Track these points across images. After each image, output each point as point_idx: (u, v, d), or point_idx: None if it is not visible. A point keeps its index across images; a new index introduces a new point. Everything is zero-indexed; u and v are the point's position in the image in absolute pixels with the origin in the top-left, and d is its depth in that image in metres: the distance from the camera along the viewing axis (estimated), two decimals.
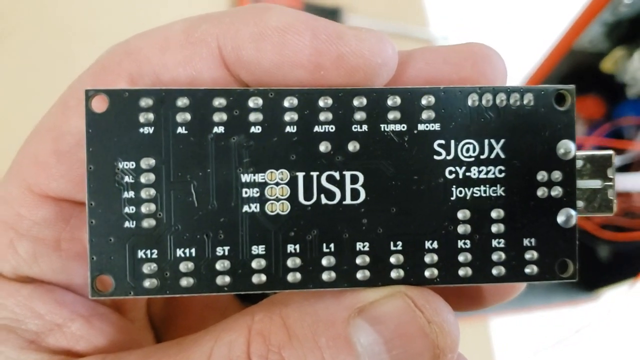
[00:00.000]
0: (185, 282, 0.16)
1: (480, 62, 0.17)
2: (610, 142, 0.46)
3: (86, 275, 0.16)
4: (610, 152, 0.17)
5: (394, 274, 0.16)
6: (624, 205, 0.47)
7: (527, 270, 0.17)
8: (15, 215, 0.17)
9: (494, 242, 0.16)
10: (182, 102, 0.16)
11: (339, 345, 0.15)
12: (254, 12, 0.16)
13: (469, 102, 0.16)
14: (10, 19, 0.48)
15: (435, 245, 0.16)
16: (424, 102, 0.16)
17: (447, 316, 0.16)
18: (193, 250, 0.16)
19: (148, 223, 0.16)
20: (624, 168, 0.46)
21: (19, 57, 0.48)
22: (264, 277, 0.16)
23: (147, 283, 0.16)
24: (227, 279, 0.16)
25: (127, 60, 0.16)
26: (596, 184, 0.17)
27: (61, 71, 0.48)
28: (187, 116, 0.16)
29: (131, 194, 0.16)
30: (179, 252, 0.16)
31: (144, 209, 0.16)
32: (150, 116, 0.15)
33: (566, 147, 0.17)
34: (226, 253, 0.16)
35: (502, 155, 0.17)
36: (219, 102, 0.16)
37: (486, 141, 0.17)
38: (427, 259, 0.16)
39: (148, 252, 0.16)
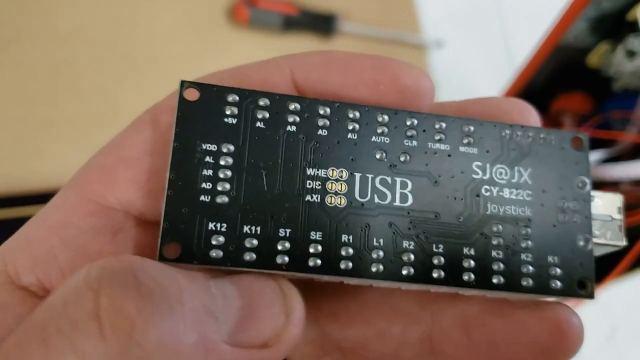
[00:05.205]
0: (248, 257, 0.17)
1: (517, 116, 0.20)
2: (600, 133, 0.46)
3: None
4: (621, 195, 0.20)
5: (435, 274, 0.18)
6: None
7: (552, 284, 0.18)
8: (63, 222, 0.17)
9: (523, 256, 0.18)
10: (263, 102, 0.18)
11: None
12: (321, 50, 0.20)
13: (502, 135, 0.19)
14: (13, 24, 0.49)
15: (472, 252, 0.18)
16: (465, 129, 0.19)
17: None
18: (258, 229, 0.17)
19: (221, 199, 0.17)
20: (615, 159, 0.46)
21: (22, 62, 0.48)
22: (319, 262, 0.17)
23: (213, 254, 0.17)
24: (286, 258, 0.17)
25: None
26: (607, 217, 0.20)
27: (64, 77, 0.49)
28: (266, 114, 0.18)
29: (210, 172, 0.17)
30: (246, 229, 0.17)
31: (219, 186, 0.17)
32: (235, 110, 0.18)
33: (582, 181, 0.19)
34: (287, 235, 0.17)
35: (529, 182, 0.19)
36: (293, 105, 0.18)
37: (516, 168, 0.19)
38: (465, 263, 0.18)
39: (218, 225, 0.17)
